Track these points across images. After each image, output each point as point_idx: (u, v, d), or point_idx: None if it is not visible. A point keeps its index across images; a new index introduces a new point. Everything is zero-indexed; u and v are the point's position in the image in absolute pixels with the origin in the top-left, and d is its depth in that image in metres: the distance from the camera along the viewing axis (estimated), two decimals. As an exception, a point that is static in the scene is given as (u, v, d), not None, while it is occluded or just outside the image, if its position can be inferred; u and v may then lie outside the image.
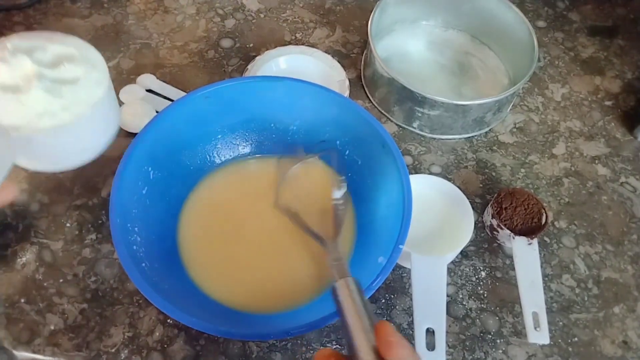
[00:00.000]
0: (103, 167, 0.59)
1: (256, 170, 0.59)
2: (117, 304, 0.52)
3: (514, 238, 0.53)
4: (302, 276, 0.52)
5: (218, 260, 0.52)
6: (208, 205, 0.56)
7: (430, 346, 0.44)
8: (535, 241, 0.53)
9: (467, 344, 0.51)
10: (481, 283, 0.55)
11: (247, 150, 0.60)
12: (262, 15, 0.77)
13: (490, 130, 0.67)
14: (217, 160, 0.59)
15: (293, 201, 0.54)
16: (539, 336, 0.48)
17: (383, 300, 0.53)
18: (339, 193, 0.52)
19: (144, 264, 0.47)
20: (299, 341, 0.50)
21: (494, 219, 0.55)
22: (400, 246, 0.45)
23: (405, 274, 0.55)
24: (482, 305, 0.54)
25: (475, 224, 0.57)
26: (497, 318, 0.53)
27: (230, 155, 0.59)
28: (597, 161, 0.65)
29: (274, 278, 0.52)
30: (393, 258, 0.44)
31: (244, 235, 0.54)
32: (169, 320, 0.51)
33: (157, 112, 0.63)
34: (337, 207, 0.52)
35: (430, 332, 0.45)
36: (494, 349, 0.51)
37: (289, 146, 0.58)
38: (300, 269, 0.52)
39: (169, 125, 0.53)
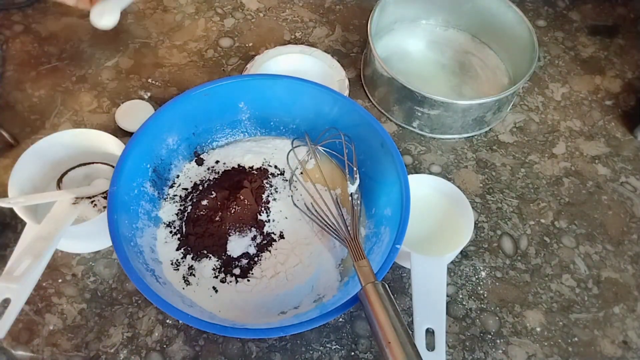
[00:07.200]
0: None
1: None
2: (116, 304, 0.51)
3: None
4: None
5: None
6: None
7: (430, 346, 0.44)
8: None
9: (467, 344, 0.51)
10: (481, 283, 0.55)
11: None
12: (261, 15, 0.77)
13: (490, 129, 0.67)
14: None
15: (308, 199, 0.54)
16: None
17: (383, 300, 0.53)
18: (353, 187, 0.52)
19: (143, 263, 0.47)
20: (298, 341, 0.50)
21: None
22: (398, 246, 0.45)
23: (405, 274, 0.55)
24: (482, 305, 0.53)
25: (475, 224, 0.57)
26: (497, 318, 0.53)
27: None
28: (597, 161, 0.65)
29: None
30: (390, 258, 0.44)
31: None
32: (168, 320, 0.51)
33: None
34: (353, 203, 0.52)
35: (430, 333, 0.44)
36: (494, 349, 0.51)
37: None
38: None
39: (168, 123, 0.53)
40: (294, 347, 0.50)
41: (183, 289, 0.49)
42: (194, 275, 0.50)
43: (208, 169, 0.58)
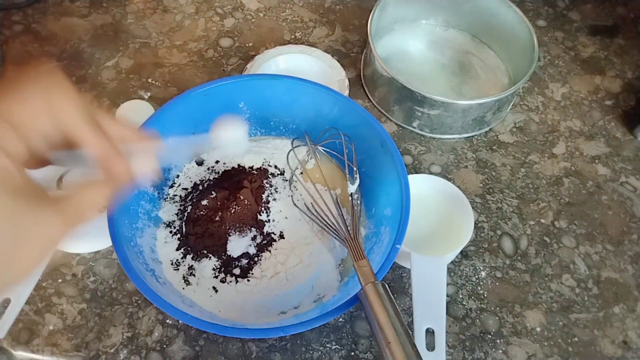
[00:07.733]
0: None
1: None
2: (116, 304, 0.51)
3: None
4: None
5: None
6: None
7: (430, 346, 0.44)
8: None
9: (467, 344, 0.51)
10: (481, 283, 0.55)
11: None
12: (261, 15, 0.77)
13: (490, 129, 0.67)
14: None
15: (308, 199, 0.54)
16: None
17: (383, 300, 0.53)
18: (353, 187, 0.52)
19: (143, 263, 0.47)
20: (298, 341, 0.50)
21: None
22: (398, 246, 0.45)
23: (405, 274, 0.55)
24: (482, 305, 0.53)
25: (475, 224, 0.57)
26: (497, 318, 0.53)
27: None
28: (597, 161, 0.65)
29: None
30: (390, 258, 0.44)
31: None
32: (168, 320, 0.51)
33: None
34: (353, 203, 0.52)
35: (430, 332, 0.44)
36: (494, 349, 0.51)
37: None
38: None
39: (168, 123, 0.53)
40: (294, 347, 0.50)
41: (183, 289, 0.49)
42: (194, 275, 0.50)
43: (208, 169, 0.58)
